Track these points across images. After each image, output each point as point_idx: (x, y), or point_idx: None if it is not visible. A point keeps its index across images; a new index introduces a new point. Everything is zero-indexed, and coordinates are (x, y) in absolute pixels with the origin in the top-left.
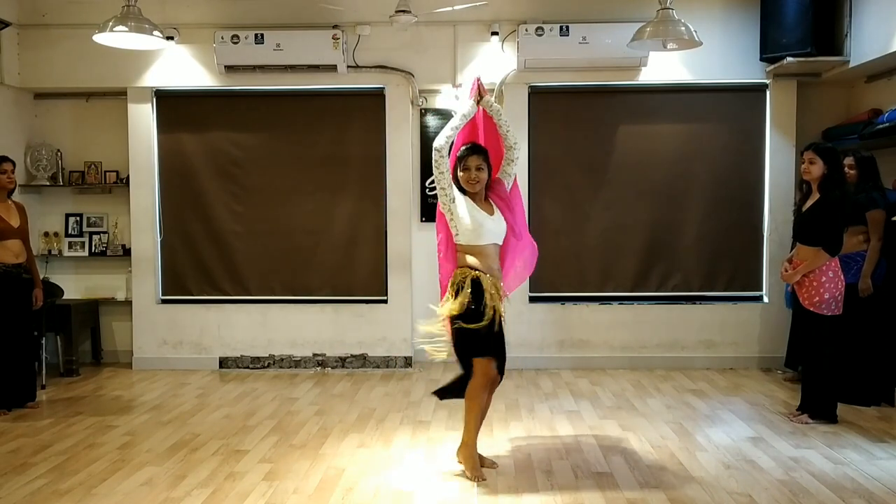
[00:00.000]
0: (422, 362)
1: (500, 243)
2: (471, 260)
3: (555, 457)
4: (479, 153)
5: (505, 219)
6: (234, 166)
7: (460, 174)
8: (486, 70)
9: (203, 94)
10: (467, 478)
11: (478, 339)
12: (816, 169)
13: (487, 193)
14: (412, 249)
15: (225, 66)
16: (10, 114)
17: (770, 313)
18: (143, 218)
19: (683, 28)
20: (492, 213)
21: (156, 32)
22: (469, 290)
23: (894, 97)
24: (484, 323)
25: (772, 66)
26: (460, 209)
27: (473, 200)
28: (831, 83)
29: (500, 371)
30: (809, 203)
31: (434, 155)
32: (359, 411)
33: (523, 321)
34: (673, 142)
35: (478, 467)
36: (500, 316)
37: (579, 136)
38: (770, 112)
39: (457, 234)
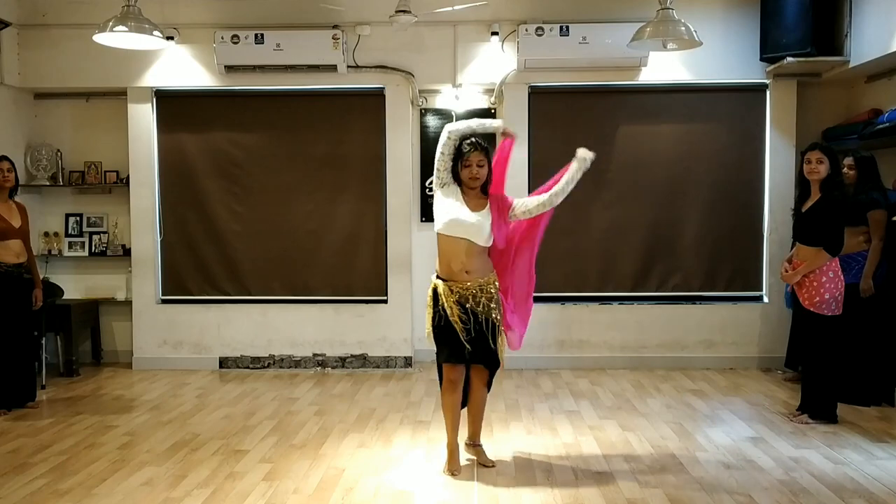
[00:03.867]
0: (422, 362)
1: (480, 244)
2: (443, 259)
3: (555, 457)
4: (480, 150)
5: (493, 226)
6: (234, 166)
7: (462, 170)
8: (486, 70)
9: (203, 94)
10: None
11: (441, 344)
12: (825, 169)
13: (488, 198)
14: (412, 249)
15: (225, 66)
16: (10, 114)
17: (770, 313)
18: (143, 218)
19: (683, 28)
20: (474, 210)
21: (156, 32)
22: (430, 302)
23: (894, 97)
24: (437, 325)
25: (772, 66)
26: (448, 196)
27: (467, 194)
28: (831, 83)
29: (490, 374)
30: (809, 203)
31: (443, 136)
32: (359, 411)
33: None
34: (673, 142)
35: (452, 461)
36: (483, 316)
37: (579, 136)
38: (770, 112)
39: (436, 221)
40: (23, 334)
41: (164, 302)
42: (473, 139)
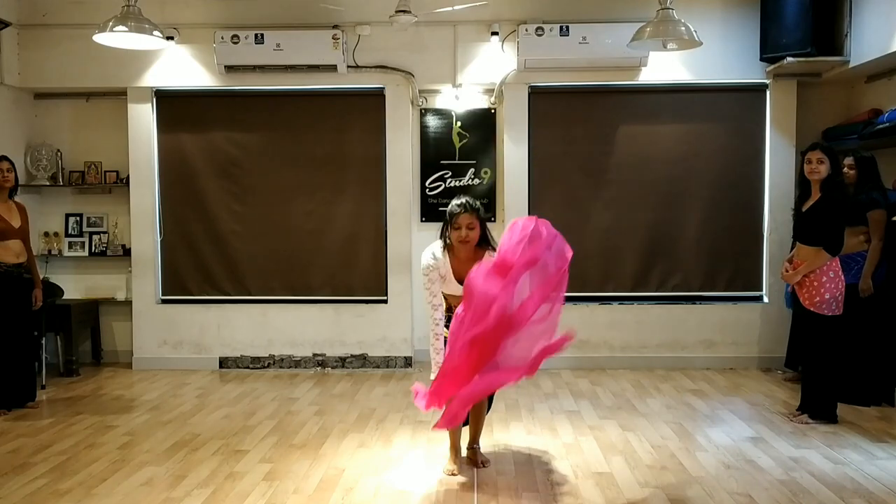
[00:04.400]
0: (422, 362)
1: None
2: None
3: (555, 457)
4: (470, 211)
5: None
6: (234, 166)
7: (451, 232)
8: (486, 70)
9: (203, 94)
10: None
11: None
12: (826, 169)
13: (484, 253)
14: (412, 249)
15: (225, 66)
16: (10, 114)
17: (770, 313)
18: (143, 218)
19: (683, 28)
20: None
21: (156, 32)
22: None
23: (894, 97)
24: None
25: (772, 66)
26: (437, 279)
27: (457, 258)
28: (831, 83)
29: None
30: (810, 203)
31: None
32: (359, 411)
33: None
34: (673, 142)
35: (453, 461)
36: None
37: (579, 136)
38: (770, 112)
39: (426, 289)
40: (23, 334)
41: (164, 302)
42: (464, 201)
